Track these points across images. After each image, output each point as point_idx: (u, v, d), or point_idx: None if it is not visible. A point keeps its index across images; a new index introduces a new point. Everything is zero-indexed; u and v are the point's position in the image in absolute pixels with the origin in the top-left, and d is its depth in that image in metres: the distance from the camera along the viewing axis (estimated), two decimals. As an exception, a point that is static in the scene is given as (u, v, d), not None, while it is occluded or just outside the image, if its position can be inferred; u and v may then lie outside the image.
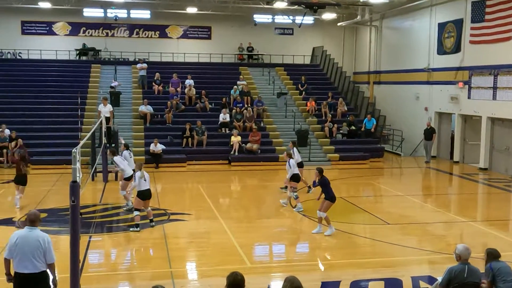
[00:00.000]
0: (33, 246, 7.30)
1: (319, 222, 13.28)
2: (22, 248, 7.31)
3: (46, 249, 7.35)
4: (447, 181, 23.17)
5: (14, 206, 15.43)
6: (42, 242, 7.34)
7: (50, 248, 7.40)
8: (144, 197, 13.33)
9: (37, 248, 7.31)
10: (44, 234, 7.52)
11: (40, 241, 7.34)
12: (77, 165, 9.43)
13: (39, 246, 7.31)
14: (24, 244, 7.32)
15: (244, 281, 5.76)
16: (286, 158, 16.65)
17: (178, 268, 10.77)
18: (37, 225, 7.55)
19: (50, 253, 7.39)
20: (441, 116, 27.35)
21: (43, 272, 7.39)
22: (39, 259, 7.32)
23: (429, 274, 10.50)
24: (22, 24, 33.17)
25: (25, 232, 7.45)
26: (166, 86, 28.91)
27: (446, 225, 14.75)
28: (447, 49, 26.20)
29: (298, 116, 27.83)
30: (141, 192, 13.25)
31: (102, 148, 19.68)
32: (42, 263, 7.35)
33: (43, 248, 7.33)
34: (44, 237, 7.42)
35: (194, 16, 33.81)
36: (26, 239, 7.36)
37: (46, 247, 7.35)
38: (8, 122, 23.74)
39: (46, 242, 7.37)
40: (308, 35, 35.90)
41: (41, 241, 7.34)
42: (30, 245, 7.31)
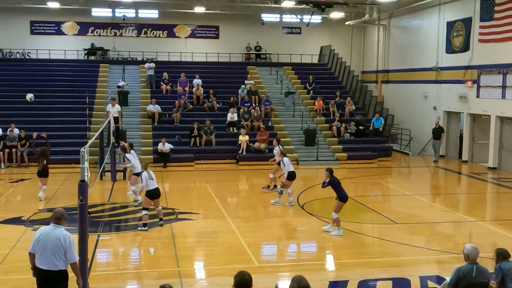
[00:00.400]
0: (54, 244, 7.32)
1: (332, 222, 13.27)
2: (44, 245, 7.35)
3: (67, 248, 7.33)
4: (455, 180, 23.07)
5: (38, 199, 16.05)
6: (63, 240, 7.33)
7: (71, 247, 7.38)
8: (153, 196, 13.37)
9: (58, 246, 7.31)
10: (67, 233, 7.49)
11: (61, 240, 7.33)
12: (86, 164, 9.47)
13: (59, 245, 7.31)
14: (46, 241, 7.36)
15: (251, 280, 5.76)
16: (280, 157, 16.90)
17: (186, 267, 10.79)
18: (62, 223, 7.57)
19: (71, 253, 7.37)
20: (450, 115, 27.24)
21: (62, 271, 7.38)
22: (59, 257, 7.32)
23: (438, 274, 10.47)
24: (31, 24, 33.33)
25: (49, 229, 7.50)
26: (174, 86, 28.96)
27: (454, 225, 14.70)
28: (456, 48, 26.08)
29: (306, 115, 27.79)
30: (149, 192, 13.28)
31: (110, 148, 19.74)
32: (62, 262, 7.35)
33: (64, 247, 7.32)
34: (66, 236, 7.40)
35: (202, 15, 33.84)
36: (48, 236, 7.40)
37: (67, 246, 7.33)
38: (17, 122, 23.86)
39: (67, 241, 7.35)
40: (316, 34, 35.84)
41: (62, 240, 7.33)
42: (51, 243, 7.33)
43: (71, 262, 7.39)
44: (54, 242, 7.32)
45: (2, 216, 14.42)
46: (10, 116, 24.59)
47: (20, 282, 9.81)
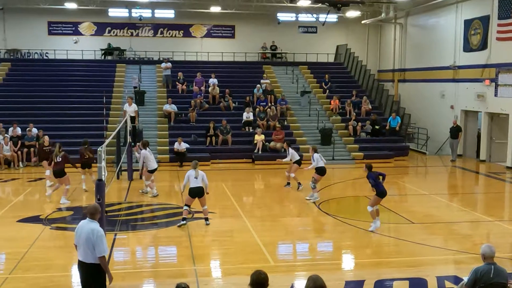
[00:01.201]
0: (85, 237, 7.60)
1: (373, 217, 13.34)
2: (79, 237, 7.69)
3: (95, 242, 7.54)
4: (473, 180, 22.87)
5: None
6: (92, 234, 7.57)
7: (99, 241, 7.56)
8: (192, 194, 13.49)
9: (88, 240, 7.57)
10: (97, 227, 7.69)
11: (91, 234, 7.57)
12: (103, 163, 9.56)
13: (90, 238, 7.56)
14: (80, 234, 7.69)
15: (267, 279, 5.76)
16: (311, 152, 17.14)
17: (202, 266, 10.82)
18: (96, 217, 7.79)
19: (99, 247, 7.56)
20: (467, 114, 27.00)
21: (94, 265, 7.62)
22: (89, 250, 7.58)
23: (455, 274, 10.38)
24: (48, 24, 33.64)
25: (85, 223, 7.78)
26: (190, 85, 29.06)
27: (472, 225, 14.57)
28: (474, 46, 25.84)
29: (321, 114, 27.72)
30: (190, 189, 13.51)
31: (127, 147, 19.87)
32: (93, 255, 7.59)
33: (92, 240, 7.54)
34: (95, 230, 7.62)
35: (218, 15, 33.91)
36: (82, 229, 7.71)
37: (95, 240, 7.55)
38: (35, 121, 24.11)
39: (95, 235, 7.57)
40: (332, 33, 35.73)
41: (91, 234, 7.57)
42: (84, 236, 7.62)
43: (99, 256, 7.58)
44: (86, 235, 7.60)
45: (20, 214, 14.58)
46: (29, 116, 24.86)
47: (38, 280, 9.92)
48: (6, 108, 26.27)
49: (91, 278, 7.67)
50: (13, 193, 18.23)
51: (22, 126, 23.59)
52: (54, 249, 11.84)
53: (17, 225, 13.64)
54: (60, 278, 10.09)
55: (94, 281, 7.68)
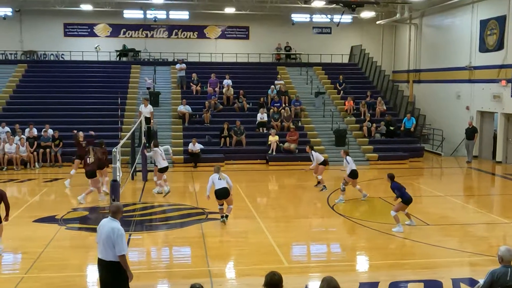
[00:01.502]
0: (106, 235, 7.70)
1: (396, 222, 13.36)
2: (100, 235, 7.80)
3: (115, 241, 7.64)
4: (489, 181, 22.66)
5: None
6: (112, 233, 7.66)
7: (119, 240, 7.66)
8: (218, 196, 13.76)
9: (108, 238, 7.67)
10: (118, 226, 7.79)
11: (111, 232, 7.67)
12: (117, 164, 9.62)
13: (110, 237, 7.66)
14: (101, 232, 7.80)
15: (281, 281, 5.75)
16: (343, 156, 17.17)
17: (216, 267, 10.83)
18: (117, 216, 7.90)
19: (118, 245, 7.65)
20: (483, 115, 26.77)
21: (113, 262, 7.71)
22: (109, 248, 7.68)
23: (470, 276, 10.29)
24: (64, 26, 33.92)
25: (106, 221, 7.88)
26: (204, 86, 29.13)
27: (488, 227, 14.43)
28: (490, 47, 25.62)
29: (336, 115, 27.65)
30: (215, 192, 13.73)
31: (142, 148, 19.96)
32: (112, 253, 7.69)
33: (113, 239, 7.64)
34: (115, 229, 7.72)
35: (232, 16, 33.96)
36: (103, 227, 7.82)
37: (115, 238, 7.65)
38: (51, 122, 24.33)
39: (115, 234, 7.67)
40: (346, 34, 35.63)
41: (112, 232, 7.67)
42: (105, 234, 7.72)
43: (118, 254, 7.67)
44: (106, 234, 7.70)
45: (36, 215, 14.70)
46: (45, 117, 25.08)
47: (53, 279, 10.00)
48: (22, 109, 26.55)
49: (110, 275, 7.76)
50: (29, 194, 18.39)
51: (38, 127, 23.80)
52: (70, 249, 11.92)
53: (33, 225, 13.76)
54: (75, 278, 10.16)
55: (113, 279, 7.76)
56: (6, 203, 11.47)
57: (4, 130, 23.36)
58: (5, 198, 11.45)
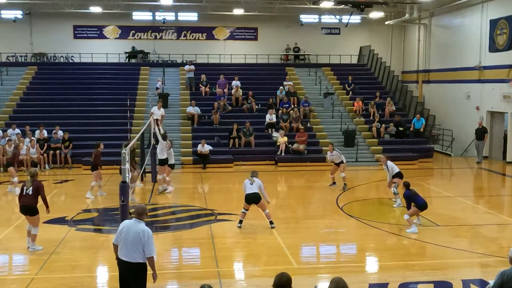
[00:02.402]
0: (134, 238, 7.70)
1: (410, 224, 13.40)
2: (125, 237, 7.77)
3: (145, 243, 7.68)
4: (499, 182, 22.52)
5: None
6: (142, 235, 7.69)
7: (149, 242, 7.71)
8: (247, 200, 13.62)
9: (137, 240, 7.68)
10: (147, 228, 7.84)
11: (140, 234, 7.69)
12: (127, 165, 9.64)
13: (139, 239, 7.68)
14: (127, 234, 7.77)
15: (290, 282, 5.76)
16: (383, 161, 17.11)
17: (225, 268, 10.85)
18: (143, 218, 7.93)
19: (149, 247, 7.71)
20: (493, 115, 26.62)
21: (140, 264, 7.74)
22: (137, 250, 7.68)
23: (481, 277, 10.25)
24: (74, 28, 34.12)
25: (132, 223, 7.89)
26: (213, 87, 29.18)
27: (498, 227, 14.35)
28: (500, 46, 25.48)
29: (345, 116, 27.60)
30: (246, 196, 13.63)
31: (151, 149, 20.01)
32: (140, 255, 7.70)
33: (143, 241, 7.67)
34: (145, 231, 7.75)
35: (241, 17, 33.99)
36: (129, 229, 7.80)
37: (146, 240, 7.68)
38: (61, 124, 24.48)
39: (146, 236, 7.71)
40: (355, 35, 35.57)
41: (142, 234, 7.70)
42: (132, 236, 7.72)
43: (148, 256, 7.72)
44: (135, 236, 7.70)
45: (46, 216, 14.76)
46: (55, 119, 25.25)
47: (64, 280, 10.05)
48: (32, 111, 26.71)
49: (134, 277, 7.76)
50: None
51: (48, 129, 23.93)
52: (80, 250, 11.97)
53: (43, 226, 13.78)
54: (86, 279, 10.21)
55: (136, 280, 7.78)
56: (42, 196, 11.74)
57: (15, 132, 23.51)
58: (42, 190, 11.72)
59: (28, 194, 11.65)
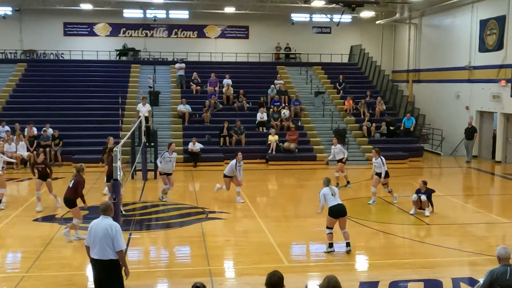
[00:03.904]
0: (103, 234, 7.65)
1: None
2: (95, 235, 7.72)
3: (114, 237, 7.63)
4: (488, 181, 22.69)
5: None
6: (110, 229, 7.65)
7: (117, 236, 7.67)
8: (334, 214, 11.55)
9: (106, 236, 7.63)
10: (114, 222, 7.82)
11: (108, 229, 7.65)
12: (118, 163, 9.62)
13: (108, 234, 7.63)
14: (97, 232, 7.72)
15: (281, 281, 5.78)
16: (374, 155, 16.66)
17: (216, 266, 10.85)
18: (109, 214, 7.87)
19: (118, 241, 7.67)
20: (483, 115, 26.79)
21: (113, 261, 7.68)
22: (108, 246, 7.64)
23: (470, 275, 10.33)
24: (64, 25, 33.92)
25: (99, 220, 7.84)
26: (204, 86, 29.14)
27: (488, 226, 14.46)
28: (489, 47, 25.65)
29: (335, 115, 27.67)
30: (331, 208, 11.58)
31: (142, 147, 19.97)
32: (111, 251, 7.65)
33: (111, 235, 7.62)
34: (113, 225, 7.73)
35: (232, 15, 33.96)
36: (98, 226, 7.76)
37: (114, 234, 7.64)
38: (51, 122, 24.35)
39: (114, 230, 7.67)
40: (346, 34, 35.64)
41: (110, 229, 7.66)
42: (101, 233, 7.67)
43: (117, 250, 7.67)
44: (103, 232, 7.66)
45: (36, 214, 14.72)
46: (45, 116, 25.10)
47: (54, 279, 10.01)
48: (22, 108, 26.57)
49: (108, 274, 7.71)
50: (29, 193, 18.37)
51: (38, 126, 23.81)
52: (70, 248, 11.93)
53: (33, 224, 13.78)
54: (77, 277, 10.17)
55: (111, 277, 7.73)
56: (79, 191, 12.02)
57: (4, 129, 23.37)
58: (80, 186, 11.96)
59: (69, 187, 12.10)
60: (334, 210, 11.52)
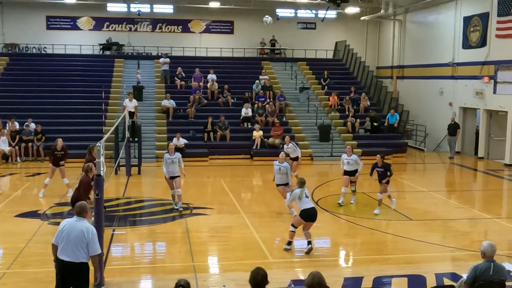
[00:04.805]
0: (77, 236, 7.38)
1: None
2: (68, 236, 7.42)
3: (90, 240, 7.40)
4: (471, 177, 22.89)
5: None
6: (86, 233, 7.40)
7: (95, 239, 7.45)
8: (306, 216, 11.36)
9: (81, 238, 7.37)
10: (90, 226, 7.57)
11: (84, 232, 7.40)
12: (101, 158, 9.52)
13: (83, 237, 7.37)
14: (70, 232, 7.43)
15: (264, 278, 5.78)
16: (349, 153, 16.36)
17: (200, 262, 10.81)
18: (84, 215, 7.61)
19: (94, 245, 7.44)
20: (466, 111, 26.99)
21: (83, 264, 7.43)
22: (81, 249, 7.37)
23: (453, 271, 10.40)
24: (47, 19, 33.53)
25: (73, 221, 7.57)
26: (189, 81, 29.01)
27: (470, 222, 14.60)
28: (473, 43, 25.83)
29: (320, 111, 27.71)
30: (304, 211, 11.37)
31: (126, 142, 19.83)
32: (84, 254, 7.40)
33: (87, 239, 7.38)
34: (89, 228, 7.48)
35: (217, 10, 33.83)
36: (72, 227, 7.47)
37: (90, 238, 7.40)
38: (33, 116, 24.08)
39: (90, 233, 7.43)
40: (331, 30, 35.68)
41: (86, 232, 7.40)
42: (75, 234, 7.39)
43: (93, 254, 7.45)
44: (78, 234, 7.39)
45: (18, 209, 14.55)
46: (26, 111, 24.82)
47: (36, 275, 9.90)
48: (4, 102, 26.19)
49: (76, 277, 7.41)
50: (11, 188, 18.19)
51: (20, 121, 23.53)
52: (52, 244, 11.80)
53: (15, 220, 13.62)
54: (58, 274, 10.05)
55: (78, 279, 7.44)
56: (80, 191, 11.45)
57: (-15, 124, 23.10)
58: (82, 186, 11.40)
59: (76, 188, 11.75)
60: (307, 212, 11.31)
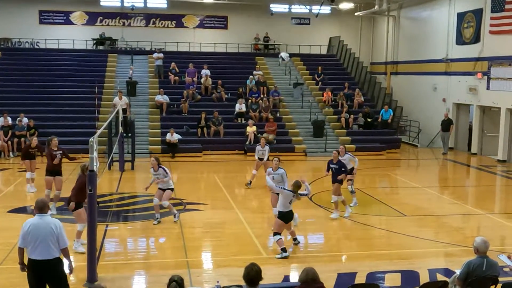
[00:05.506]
0: (46, 233, 7.33)
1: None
2: (35, 235, 7.33)
3: (59, 234, 7.38)
4: (464, 173, 22.96)
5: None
6: (54, 227, 7.37)
7: (62, 233, 7.44)
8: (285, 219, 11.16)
9: (50, 234, 7.34)
10: (55, 219, 7.56)
11: (52, 227, 7.37)
12: (94, 154, 9.47)
13: (52, 232, 7.34)
14: (37, 231, 7.34)
15: (258, 274, 5.78)
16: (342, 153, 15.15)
17: (194, 258, 10.80)
18: (46, 211, 7.60)
19: (63, 238, 7.43)
20: (459, 107, 27.06)
21: (57, 259, 7.44)
22: (53, 245, 7.35)
23: (446, 266, 10.42)
24: (39, 13, 33.32)
25: (37, 219, 7.47)
26: (182, 76, 28.92)
27: (463, 218, 14.64)
28: (466, 39, 25.87)
29: (314, 106, 27.70)
30: (283, 214, 11.14)
31: (119, 138, 19.77)
32: (56, 249, 7.39)
33: (56, 233, 7.36)
34: (56, 223, 7.46)
35: (211, 5, 33.72)
36: (38, 226, 7.38)
37: (59, 232, 7.39)
38: (26, 111, 23.94)
39: (58, 227, 7.41)
40: (325, 25, 35.65)
41: (53, 227, 7.38)
42: (43, 232, 7.33)
43: (63, 247, 7.43)
44: (46, 231, 7.34)
45: (10, 205, 14.49)
46: (19, 106, 24.70)
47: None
48: (-4, 97, 26.08)
49: (52, 273, 7.39)
50: (4, 183, 18.12)
51: (12, 116, 23.40)
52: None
53: (8, 216, 13.57)
54: (51, 269, 10.01)
55: (55, 275, 7.43)
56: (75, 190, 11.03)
57: (-22, 119, 22.95)
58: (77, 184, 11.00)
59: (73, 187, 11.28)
60: (287, 215, 11.05)
